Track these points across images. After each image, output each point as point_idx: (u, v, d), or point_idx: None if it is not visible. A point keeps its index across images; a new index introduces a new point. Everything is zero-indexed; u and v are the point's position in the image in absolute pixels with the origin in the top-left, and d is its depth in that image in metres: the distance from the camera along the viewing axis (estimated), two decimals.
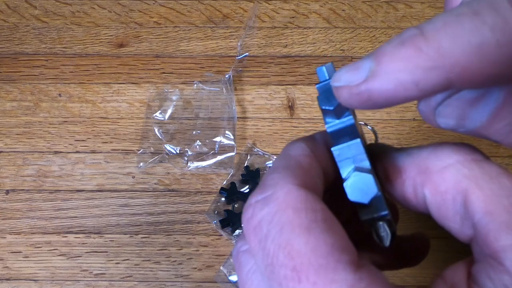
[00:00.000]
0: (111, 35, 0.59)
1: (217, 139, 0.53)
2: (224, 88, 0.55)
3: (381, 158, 0.20)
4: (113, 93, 0.56)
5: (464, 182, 0.16)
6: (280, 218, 0.16)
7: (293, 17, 0.60)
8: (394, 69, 0.14)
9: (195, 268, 0.49)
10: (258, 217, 0.16)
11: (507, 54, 0.13)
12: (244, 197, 0.50)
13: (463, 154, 0.17)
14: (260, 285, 0.16)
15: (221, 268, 0.48)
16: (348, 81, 0.16)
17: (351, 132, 0.19)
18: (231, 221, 0.49)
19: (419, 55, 0.14)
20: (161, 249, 0.49)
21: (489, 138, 0.17)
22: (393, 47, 0.14)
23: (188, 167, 0.52)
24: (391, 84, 0.14)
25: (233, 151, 0.52)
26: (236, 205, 0.51)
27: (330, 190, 0.21)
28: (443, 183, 0.17)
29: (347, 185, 0.19)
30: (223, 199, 0.51)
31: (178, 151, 0.53)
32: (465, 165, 0.16)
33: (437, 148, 0.17)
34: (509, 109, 0.15)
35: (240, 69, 0.56)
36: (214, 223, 0.49)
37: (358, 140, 0.19)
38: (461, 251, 0.36)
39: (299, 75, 0.57)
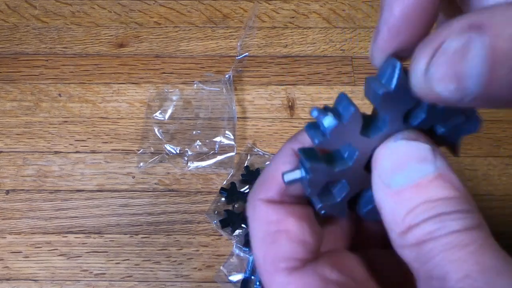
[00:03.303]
0: (111, 35, 0.59)
1: (217, 139, 0.53)
2: (224, 88, 0.55)
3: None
4: (113, 93, 0.56)
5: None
6: (251, 226, 0.20)
7: (293, 17, 0.60)
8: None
9: (195, 268, 0.49)
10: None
11: None
12: (244, 197, 0.50)
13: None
14: None
15: (221, 268, 0.48)
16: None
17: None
18: (231, 221, 0.49)
19: None
20: (161, 249, 0.49)
21: (497, 98, 0.15)
22: None
23: (188, 167, 0.52)
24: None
25: (233, 151, 0.52)
26: (236, 205, 0.51)
27: None
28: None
29: None
30: (223, 199, 0.51)
31: (178, 151, 0.53)
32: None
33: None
34: None
35: (240, 69, 0.56)
36: (214, 223, 0.49)
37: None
38: None
39: (299, 75, 0.57)
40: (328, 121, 0.17)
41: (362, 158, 0.19)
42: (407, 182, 0.17)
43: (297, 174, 0.19)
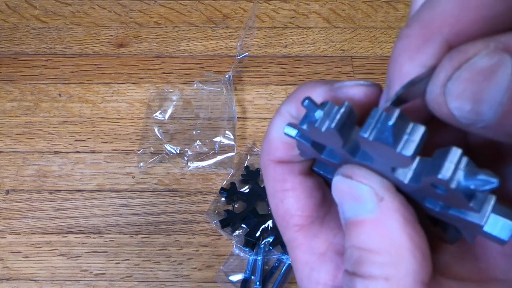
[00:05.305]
0: (111, 35, 0.59)
1: (217, 139, 0.53)
2: (224, 88, 0.55)
3: None
4: (113, 93, 0.56)
5: None
6: (265, 184, 0.20)
7: (293, 17, 0.60)
8: None
9: (195, 268, 0.49)
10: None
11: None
12: (244, 197, 0.50)
13: None
14: None
15: (221, 268, 0.48)
16: None
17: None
18: (231, 221, 0.49)
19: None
20: (161, 249, 0.49)
21: (510, 133, 0.14)
22: None
23: (188, 167, 0.52)
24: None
25: (233, 151, 0.52)
26: (236, 205, 0.51)
27: None
28: None
29: None
30: (223, 199, 0.51)
31: (178, 151, 0.53)
32: None
33: None
34: None
35: (240, 69, 0.56)
36: (214, 223, 0.49)
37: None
38: None
39: (299, 75, 0.57)
40: (310, 118, 0.15)
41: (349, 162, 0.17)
42: (345, 218, 0.16)
43: (295, 132, 0.17)
